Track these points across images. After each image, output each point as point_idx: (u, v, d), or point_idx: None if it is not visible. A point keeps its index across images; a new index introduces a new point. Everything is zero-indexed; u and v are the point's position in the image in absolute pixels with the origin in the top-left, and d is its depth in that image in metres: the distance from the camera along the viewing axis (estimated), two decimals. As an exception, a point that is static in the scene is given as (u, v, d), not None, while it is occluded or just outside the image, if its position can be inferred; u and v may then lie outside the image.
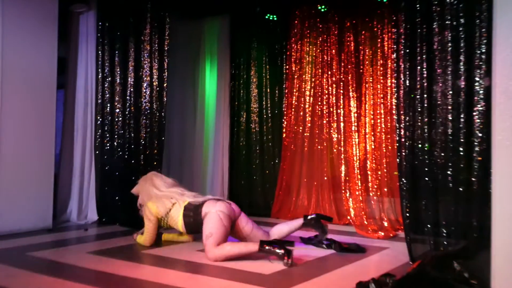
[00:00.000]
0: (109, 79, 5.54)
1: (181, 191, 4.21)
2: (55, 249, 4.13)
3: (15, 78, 4.75)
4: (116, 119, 5.54)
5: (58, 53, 5.16)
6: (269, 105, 6.54)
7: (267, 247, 3.59)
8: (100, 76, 5.51)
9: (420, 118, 3.75)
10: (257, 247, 3.62)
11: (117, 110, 5.54)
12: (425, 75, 3.72)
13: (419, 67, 3.75)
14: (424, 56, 3.72)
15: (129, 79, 5.60)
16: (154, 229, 4.17)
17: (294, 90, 6.28)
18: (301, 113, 6.23)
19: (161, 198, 4.14)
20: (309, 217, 4.32)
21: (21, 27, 4.81)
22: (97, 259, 3.77)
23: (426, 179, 3.69)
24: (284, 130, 6.35)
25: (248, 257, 3.66)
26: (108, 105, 5.53)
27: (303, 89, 6.24)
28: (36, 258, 3.76)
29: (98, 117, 5.50)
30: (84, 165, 5.58)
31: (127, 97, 5.60)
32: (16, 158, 4.73)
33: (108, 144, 5.50)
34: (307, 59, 6.22)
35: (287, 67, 6.38)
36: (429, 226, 3.66)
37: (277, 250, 3.57)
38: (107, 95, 5.52)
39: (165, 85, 5.73)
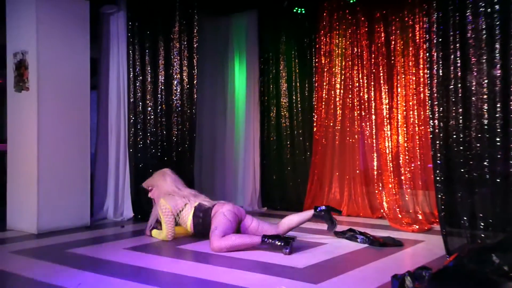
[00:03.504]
0: (140, 78, 5.62)
1: (194, 192, 4.45)
2: (93, 245, 4.24)
3: (51, 81, 4.88)
4: (148, 117, 5.62)
5: (90, 54, 5.28)
6: (299, 99, 6.51)
7: (268, 240, 3.88)
8: (131, 75, 5.60)
9: (454, 108, 3.68)
10: (259, 240, 3.90)
11: (149, 109, 5.63)
12: (458, 65, 3.65)
13: (452, 56, 3.68)
14: (457, 45, 3.65)
15: (159, 78, 5.68)
16: (172, 224, 4.32)
17: (324, 84, 6.24)
18: (332, 107, 6.18)
19: (174, 197, 4.35)
20: (319, 209, 4.44)
21: (55, 30, 4.93)
22: (134, 255, 3.85)
23: (462, 170, 3.62)
24: (314, 124, 6.31)
25: (251, 248, 3.91)
26: (140, 103, 5.62)
27: (333, 82, 6.18)
28: (75, 254, 3.87)
29: (131, 116, 5.59)
30: (119, 164, 5.69)
31: (158, 96, 5.68)
32: (54, 160, 4.87)
33: (141, 142, 5.59)
34: (337, 51, 6.16)
35: (317, 60, 6.34)
36: (465, 218, 3.59)
37: (277, 242, 3.83)
38: (139, 94, 5.61)
39: (195, 82, 5.78)
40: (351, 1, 5.97)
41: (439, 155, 3.73)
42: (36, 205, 4.73)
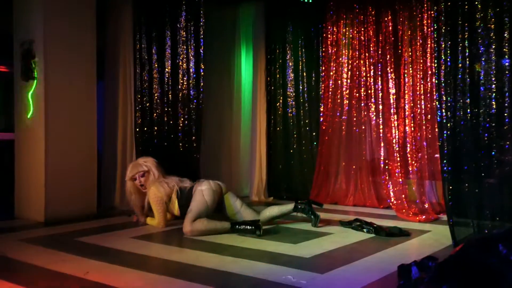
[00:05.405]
0: (147, 67, 5.60)
1: (179, 178, 4.55)
2: (100, 234, 4.26)
3: (58, 70, 4.89)
4: (155, 107, 5.62)
5: (96, 43, 5.27)
6: (305, 89, 6.49)
7: (238, 226, 4.12)
8: (138, 65, 5.59)
9: (462, 98, 3.66)
10: (229, 226, 4.13)
11: (156, 98, 5.62)
12: (467, 54, 3.62)
13: (460, 46, 3.65)
14: (466, 34, 3.61)
15: (166, 67, 5.67)
16: (163, 211, 4.43)
17: (331, 73, 6.21)
18: (338, 96, 6.15)
19: (163, 183, 4.46)
20: (299, 204, 4.54)
21: (62, 19, 4.92)
22: (141, 244, 3.88)
23: (469, 160, 3.61)
24: (321, 114, 6.29)
25: (222, 234, 4.10)
26: (147, 93, 5.61)
27: (340, 72, 6.15)
28: (83, 243, 3.91)
29: (138, 106, 5.58)
30: (125, 153, 5.71)
31: (165, 85, 5.67)
32: (61, 148, 4.90)
33: (148, 132, 5.59)
34: (344, 41, 6.13)
35: (323, 50, 6.30)
36: (472, 208, 3.58)
37: (248, 227, 4.08)
38: (146, 84, 5.60)
39: (201, 72, 5.77)
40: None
41: (446, 145, 3.72)
42: (43, 194, 4.76)
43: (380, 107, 5.81)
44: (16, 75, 5.06)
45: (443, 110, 3.73)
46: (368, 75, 5.92)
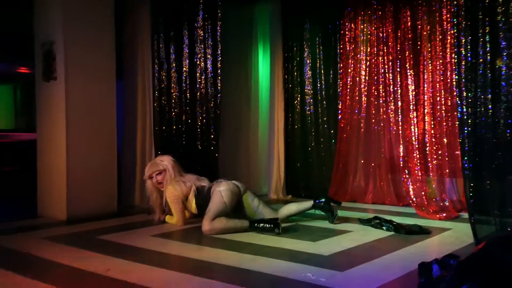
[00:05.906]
0: (165, 67, 5.65)
1: (197, 177, 4.59)
2: (121, 232, 4.30)
3: (78, 70, 4.95)
4: (173, 106, 5.66)
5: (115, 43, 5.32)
6: (323, 86, 6.45)
7: (257, 225, 4.13)
8: (156, 64, 5.63)
9: (483, 94, 3.61)
10: (248, 224, 4.14)
11: (174, 98, 5.66)
12: (488, 49, 3.56)
13: (481, 41, 3.59)
14: (486, 29, 3.56)
15: (184, 66, 5.70)
16: (181, 209, 4.47)
17: (349, 70, 6.16)
18: (357, 93, 6.11)
19: (180, 182, 4.48)
20: (317, 201, 4.57)
21: (81, 20, 4.97)
22: (161, 242, 3.91)
23: (491, 157, 3.56)
24: (339, 111, 6.25)
25: (241, 232, 4.10)
26: (165, 92, 5.65)
27: (358, 69, 6.10)
28: (104, 241, 3.96)
29: (156, 105, 5.62)
30: (144, 152, 5.76)
31: (183, 84, 5.70)
32: (82, 148, 4.96)
33: (166, 131, 5.64)
34: (362, 37, 6.07)
35: (341, 46, 6.26)
36: (494, 206, 3.53)
37: (266, 225, 4.10)
38: (164, 83, 5.64)
39: (219, 71, 5.79)
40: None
41: (467, 141, 3.67)
42: (65, 193, 4.84)
43: (399, 103, 5.74)
44: (38, 75, 5.14)
45: (464, 106, 3.68)
46: (387, 71, 5.86)
